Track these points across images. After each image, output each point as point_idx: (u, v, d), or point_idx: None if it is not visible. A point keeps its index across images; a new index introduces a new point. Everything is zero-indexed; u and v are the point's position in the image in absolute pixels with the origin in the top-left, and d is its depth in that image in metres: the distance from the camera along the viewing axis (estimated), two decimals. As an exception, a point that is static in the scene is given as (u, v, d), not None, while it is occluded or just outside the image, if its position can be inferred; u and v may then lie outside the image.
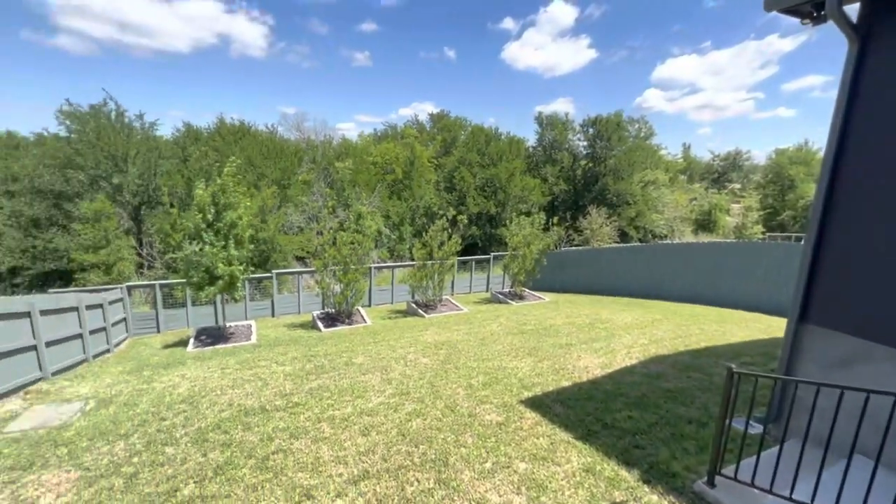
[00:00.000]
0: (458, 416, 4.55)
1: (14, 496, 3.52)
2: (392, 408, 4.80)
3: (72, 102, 21.36)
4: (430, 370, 6.11)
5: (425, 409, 4.74)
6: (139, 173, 21.69)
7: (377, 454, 3.85)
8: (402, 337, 8.65)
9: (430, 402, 4.90)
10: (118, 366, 8.41)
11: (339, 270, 11.58)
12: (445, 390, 5.26)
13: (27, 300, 7.45)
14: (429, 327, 9.82)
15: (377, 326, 11.08)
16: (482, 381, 5.57)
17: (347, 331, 10.65)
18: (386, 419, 4.51)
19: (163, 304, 13.84)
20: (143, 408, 5.31)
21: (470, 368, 6.11)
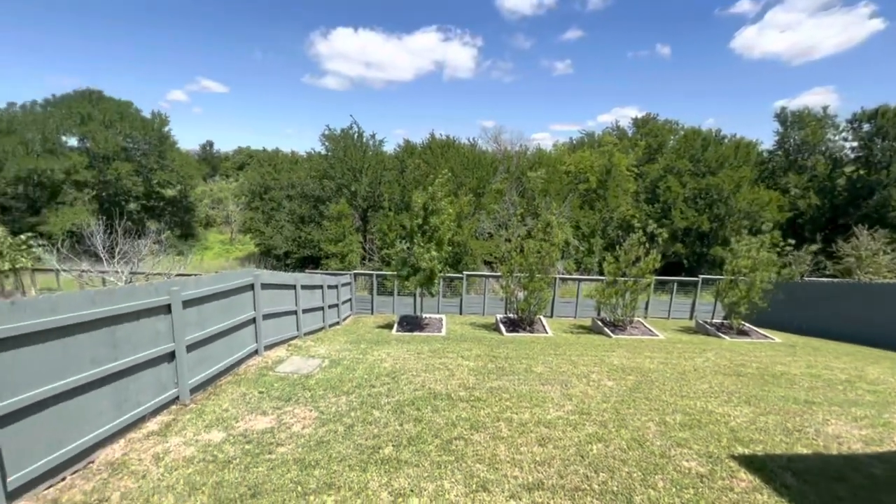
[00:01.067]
0: (646, 452, 4.04)
1: (279, 418, 4.74)
2: (571, 425, 4.59)
3: (331, 127, 27.84)
4: (616, 395, 5.60)
5: (608, 435, 4.37)
6: (369, 182, 26.63)
7: (553, 468, 3.73)
8: (585, 354, 8.20)
9: (613, 429, 4.50)
10: (344, 336, 10.43)
11: (523, 277, 11.76)
12: (633, 421, 4.74)
13: (294, 276, 9.97)
14: (615, 348, 9.04)
15: (558, 339, 10.81)
16: (680, 420, 4.81)
17: (528, 338, 10.71)
18: (564, 435, 4.34)
19: (377, 291, 16.58)
20: (359, 374, 6.44)
21: (664, 403, 5.36)
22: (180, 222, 41.79)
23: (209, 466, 3.74)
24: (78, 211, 31.13)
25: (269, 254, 28.54)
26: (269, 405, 5.15)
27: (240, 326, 6.94)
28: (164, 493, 3.37)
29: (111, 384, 4.26)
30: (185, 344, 5.34)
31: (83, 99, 37.13)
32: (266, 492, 3.34)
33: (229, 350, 6.57)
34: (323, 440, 4.19)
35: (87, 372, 3.92)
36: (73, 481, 3.58)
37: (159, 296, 4.94)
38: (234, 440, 4.23)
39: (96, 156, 35.01)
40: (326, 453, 3.93)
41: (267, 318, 7.90)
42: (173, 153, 41.07)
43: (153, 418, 4.80)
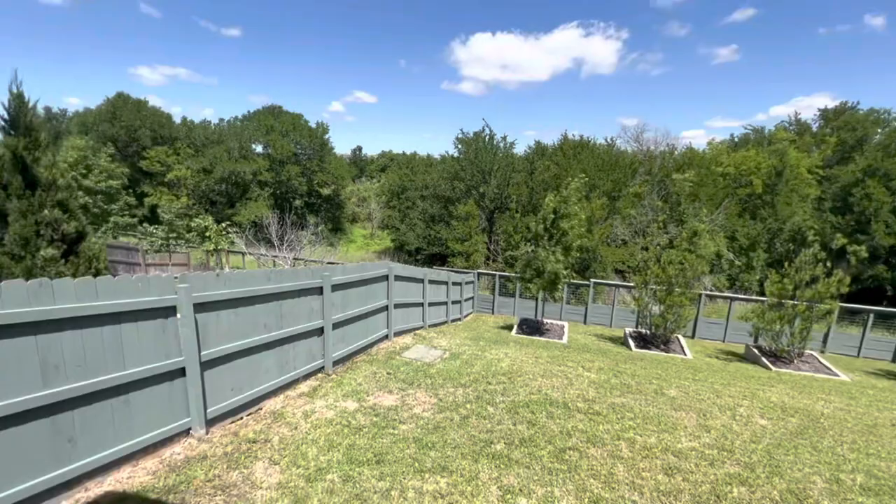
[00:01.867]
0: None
1: (402, 398, 5.17)
2: (707, 460, 4.04)
3: (464, 131, 28.92)
4: (770, 437, 4.75)
5: (755, 480, 3.74)
6: (497, 184, 26.97)
7: (680, 502, 3.35)
8: (733, 384, 7.10)
9: (762, 475, 3.83)
10: (464, 332, 10.80)
11: (660, 290, 10.66)
12: (791, 471, 3.97)
13: (424, 271, 10.68)
14: (775, 384, 7.63)
15: (699, 362, 9.54)
16: (861, 482, 3.86)
17: (661, 357, 9.69)
18: (696, 469, 3.85)
19: (499, 292, 16.74)
20: (477, 369, 6.62)
21: (839, 457, 4.36)
22: (332, 217, 47.96)
23: (344, 430, 4.28)
24: (260, 205, 38.03)
25: (402, 249, 31.02)
26: (395, 386, 5.64)
27: (374, 312, 7.73)
28: (309, 444, 3.98)
29: (276, 348, 5.16)
30: (332, 322, 6.17)
31: (268, 113, 45.30)
32: (388, 461, 3.69)
33: (365, 332, 7.37)
34: (440, 425, 4.45)
35: (261, 335, 4.83)
36: (247, 421, 4.45)
37: (314, 279, 5.80)
38: (365, 411, 4.75)
39: (275, 160, 42.35)
40: (442, 438, 4.16)
41: (397, 308, 8.63)
42: (330, 157, 47.39)
43: (304, 382, 5.66)
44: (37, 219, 5.63)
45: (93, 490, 3.18)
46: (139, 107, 42.00)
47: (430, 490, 3.32)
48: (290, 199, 43.13)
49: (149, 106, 43.28)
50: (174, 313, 3.79)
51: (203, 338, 4.07)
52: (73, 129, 40.62)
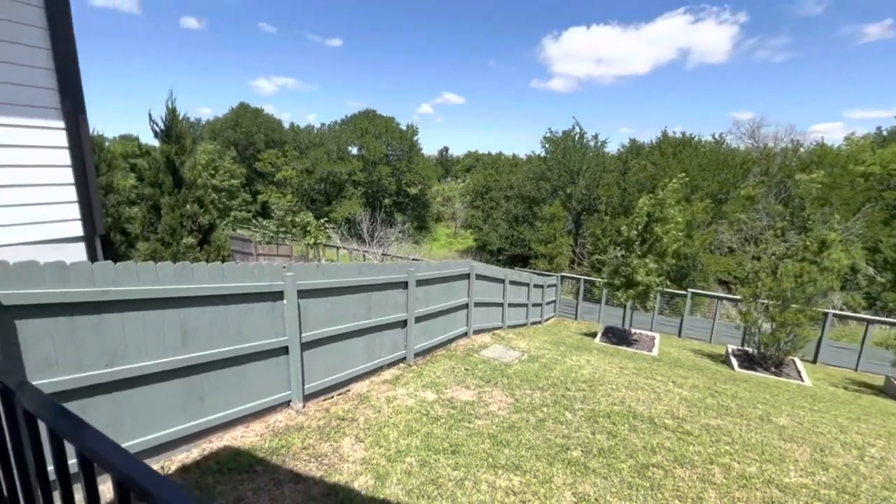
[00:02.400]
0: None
1: (479, 395, 5.27)
2: (822, 500, 3.55)
3: (552, 130, 28.16)
4: (912, 486, 4.00)
5: (887, 533, 3.20)
6: (586, 185, 25.85)
7: (784, 543, 3.00)
8: (864, 420, 6.08)
9: (898, 529, 3.26)
10: (544, 336, 10.58)
11: (773, 305, 9.43)
12: (939, 529, 3.32)
13: (505, 271, 10.67)
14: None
15: (820, 391, 8.29)
16: None
17: (771, 381, 8.59)
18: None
19: (583, 297, 16.09)
20: (556, 374, 6.48)
21: None
22: (418, 216, 49.73)
23: (423, 418, 4.49)
24: (353, 203, 40.78)
25: (485, 249, 31.14)
26: (473, 382, 5.76)
27: (455, 309, 7.93)
28: (391, 427, 4.25)
29: (364, 336, 5.56)
30: (414, 315, 6.47)
31: (363, 117, 48.35)
32: (463, 453, 3.81)
33: (445, 328, 7.60)
34: (515, 425, 4.46)
35: (351, 323, 5.25)
36: (337, 400, 4.88)
37: (400, 274, 6.13)
38: (443, 403, 4.93)
39: (368, 161, 45.10)
40: (517, 437, 4.17)
41: (477, 306, 8.75)
42: (418, 158, 49.18)
43: (388, 370, 6.02)
44: (181, 212, 6.78)
45: (214, 443, 3.74)
46: (256, 115, 47.43)
47: (503, 486, 3.37)
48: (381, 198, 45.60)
49: (264, 113, 48.68)
50: (281, 298, 4.29)
51: (303, 321, 4.55)
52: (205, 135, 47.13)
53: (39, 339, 2.73)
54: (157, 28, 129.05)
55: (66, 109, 4.19)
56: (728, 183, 20.66)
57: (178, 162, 6.75)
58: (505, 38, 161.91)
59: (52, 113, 4.11)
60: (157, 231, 6.70)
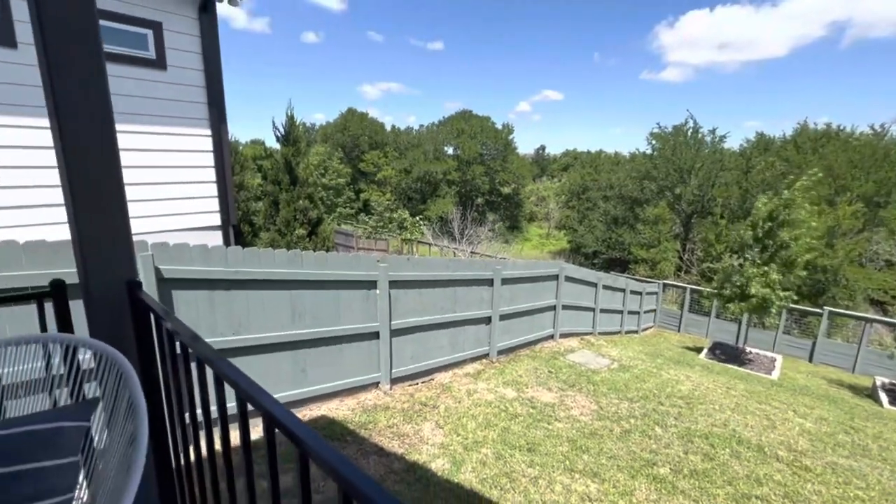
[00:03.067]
0: None
1: (561, 398, 5.15)
2: None
3: (661, 125, 25.91)
4: None
5: None
6: (698, 184, 23.34)
7: None
8: None
9: None
10: (640, 346, 9.88)
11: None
12: None
13: (598, 275, 10.18)
14: None
15: None
16: None
17: (934, 425, 7.00)
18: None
19: (688, 308, 14.65)
20: (648, 386, 6.05)
21: None
22: (510, 215, 49.34)
23: (501, 413, 4.54)
24: (446, 202, 41.86)
25: (579, 251, 29.82)
26: (555, 385, 5.64)
27: (541, 310, 7.80)
28: (469, 418, 4.37)
29: (449, 329, 5.77)
30: (499, 313, 6.53)
31: (459, 118, 49.32)
32: (539, 452, 3.79)
33: (529, 328, 7.53)
34: (597, 433, 4.30)
35: (437, 315, 5.48)
36: (421, 387, 5.14)
37: (486, 271, 6.23)
38: (522, 402, 4.93)
39: (462, 160, 45.93)
40: (598, 445, 4.02)
41: (565, 309, 8.50)
42: (513, 157, 48.75)
43: (470, 364, 6.17)
44: (295, 207, 7.74)
45: (314, 411, 4.22)
46: (362, 119, 51.10)
47: (579, 490, 3.29)
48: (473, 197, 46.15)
49: (368, 117, 52.24)
50: (375, 287, 4.65)
51: (393, 310, 4.88)
52: (318, 138, 52.08)
53: (187, 307, 3.35)
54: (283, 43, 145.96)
55: (212, 119, 5.03)
56: (889, 183, 16.98)
57: (293, 162, 7.75)
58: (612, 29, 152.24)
59: (203, 123, 4.96)
60: (276, 223, 7.76)
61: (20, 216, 3.89)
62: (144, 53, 4.44)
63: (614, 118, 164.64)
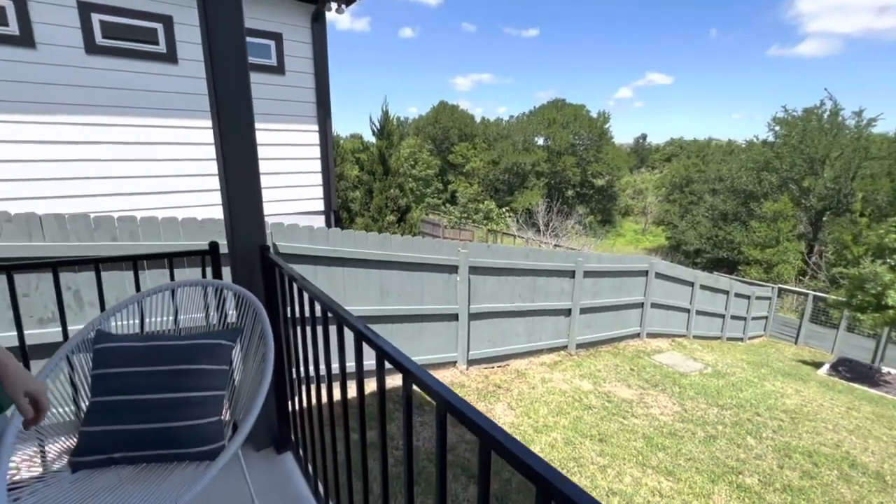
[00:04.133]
0: None
1: (641, 396, 4.99)
2: None
3: (787, 108, 22.54)
4: None
5: None
6: (834, 176, 19.99)
7: None
8: None
9: None
10: (742, 354, 8.98)
11: None
12: None
13: (695, 273, 9.40)
14: None
15: None
16: None
17: None
18: None
19: (809, 317, 12.83)
20: (746, 395, 5.56)
21: None
22: (603, 209, 46.83)
23: (574, 403, 4.56)
24: (534, 194, 41.04)
25: (679, 249, 27.39)
26: (636, 382, 5.46)
27: (627, 307, 7.49)
28: (542, 403, 4.47)
29: (526, 318, 5.86)
30: (580, 306, 6.44)
31: (551, 107, 47.78)
32: (611, 444, 3.77)
33: (613, 324, 7.28)
34: (677, 433, 4.12)
35: (515, 303, 5.61)
36: (496, 371, 5.33)
37: (568, 262, 6.18)
38: (598, 395, 4.87)
39: (553, 151, 44.54)
40: (676, 445, 3.87)
41: (655, 307, 8.04)
42: (608, 147, 46.03)
43: (547, 354, 6.20)
44: (386, 195, 8.37)
45: (398, 381, 4.63)
46: (452, 111, 51.97)
47: (649, 485, 3.24)
48: (563, 189, 44.61)
49: (459, 109, 52.97)
50: (455, 272, 4.93)
51: (472, 295, 5.12)
52: (410, 131, 54.19)
53: (296, 279, 3.92)
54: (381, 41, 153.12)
55: (319, 116, 5.68)
56: None
57: (387, 154, 8.39)
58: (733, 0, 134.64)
59: (311, 120, 5.62)
60: (370, 209, 8.47)
61: (175, 199, 4.83)
62: (267, 61, 5.16)
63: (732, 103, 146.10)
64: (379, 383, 1.03)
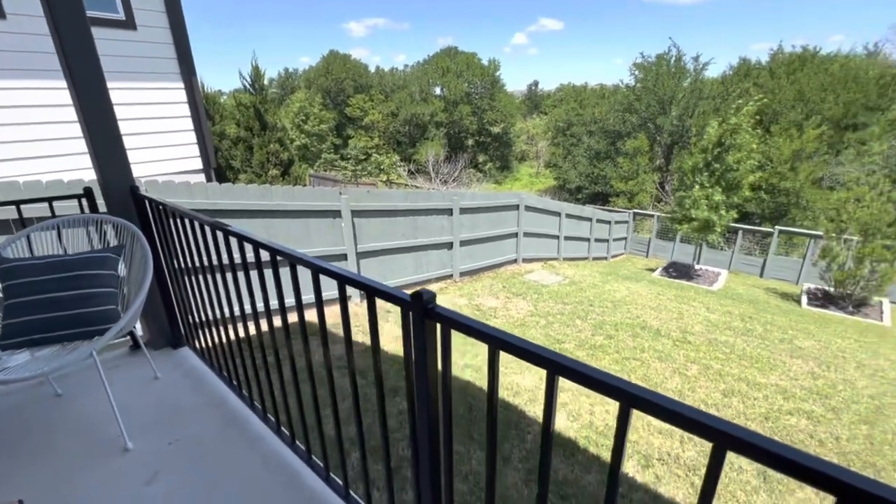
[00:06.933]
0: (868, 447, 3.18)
1: (505, 304, 6.17)
2: (783, 394, 3.94)
3: (644, 54, 25.45)
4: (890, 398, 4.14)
5: (825, 418, 3.57)
6: (678, 115, 23.48)
7: (733, 419, 3.57)
8: (915, 352, 5.84)
9: (843, 420, 3.59)
10: (600, 268, 10.92)
11: (859, 238, 8.63)
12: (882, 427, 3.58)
13: (560, 205, 10.97)
14: None
15: (894, 330, 7.74)
16: None
17: (835, 317, 8.18)
18: (763, 399, 3.85)
19: (656, 234, 15.64)
20: (588, 295, 7.08)
21: None
22: (501, 156, 49.16)
23: (450, 315, 5.54)
24: (434, 144, 41.63)
25: (564, 188, 30.39)
26: (504, 295, 6.65)
27: (503, 237, 8.67)
28: (422, 318, 5.38)
29: (412, 253, 6.66)
30: (459, 240, 7.40)
31: (444, 55, 47.64)
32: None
33: (492, 253, 8.44)
34: (524, 323, 5.33)
35: (399, 241, 6.35)
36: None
37: (444, 202, 7.01)
38: (471, 307, 5.93)
39: (449, 101, 45.00)
40: (522, 332, 5.05)
41: (528, 236, 9.37)
42: (500, 95, 47.66)
43: (434, 284, 7.14)
44: (267, 150, 8.39)
45: (295, 318, 5.19)
46: (345, 61, 49.23)
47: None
48: (463, 138, 45.76)
49: (351, 59, 50.30)
50: (339, 216, 5.46)
51: (358, 236, 5.73)
52: (301, 84, 50.48)
53: (179, 233, 4.17)
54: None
55: (183, 72, 5.56)
56: (855, 104, 17.25)
57: (262, 109, 8.31)
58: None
59: (175, 77, 5.50)
60: (252, 165, 8.45)
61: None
62: (114, 15, 4.90)
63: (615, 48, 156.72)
64: (257, 261, 1.61)
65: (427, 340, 1.00)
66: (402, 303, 1.03)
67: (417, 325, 1.00)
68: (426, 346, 1.00)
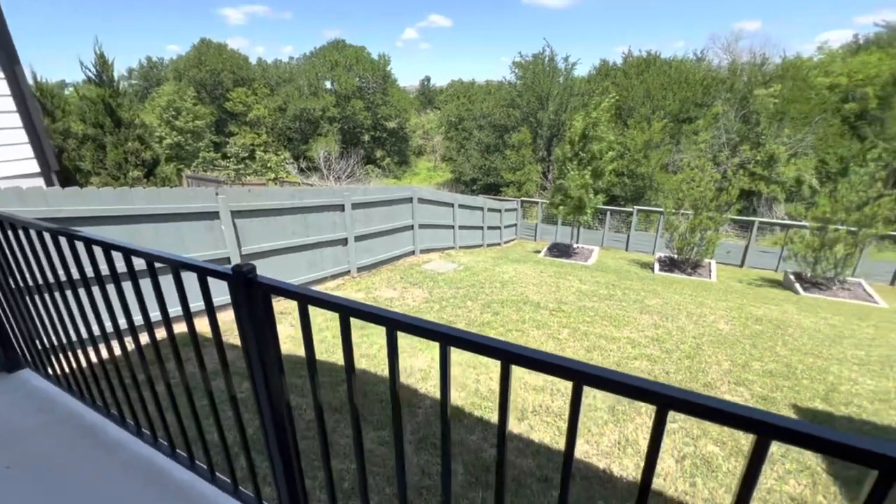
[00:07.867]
0: (688, 375, 4.02)
1: (401, 294, 6.37)
2: (633, 344, 4.75)
3: (522, 54, 27.50)
4: (714, 336, 5.24)
5: (663, 359, 4.41)
6: (555, 109, 25.88)
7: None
8: (728, 300, 7.36)
9: (674, 358, 4.48)
10: (493, 253, 11.69)
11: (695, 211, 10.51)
12: (701, 356, 4.55)
13: (453, 196, 11.50)
14: (783, 303, 7.70)
15: (719, 285, 9.62)
16: (771, 369, 4.36)
17: (680, 279, 9.89)
18: (617, 350, 4.60)
19: (541, 219, 17.13)
20: (480, 278, 7.60)
21: (777, 356, 4.80)
22: (398, 150, 49.23)
23: (347, 309, 5.58)
24: (329, 140, 40.20)
25: (460, 180, 31.61)
26: (400, 285, 6.85)
27: (400, 230, 8.85)
28: (318, 314, 5.34)
29: (305, 251, 6.51)
30: (354, 235, 7.40)
31: (332, 48, 46.03)
32: (368, 328, 4.93)
33: (389, 247, 8.58)
34: (420, 310, 5.59)
35: (289, 240, 6.17)
36: (280, 302, 5.92)
37: (335, 198, 6.96)
38: (368, 300, 6.02)
39: (340, 95, 43.69)
40: (417, 318, 5.29)
41: (424, 228, 9.68)
42: (393, 89, 47.59)
43: (332, 280, 7.07)
44: (125, 149, 7.44)
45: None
46: (220, 51, 44.82)
47: (391, 344, 4.50)
48: (358, 134, 44.84)
49: (228, 49, 45.98)
50: (217, 217, 5.14)
51: (242, 237, 5.45)
52: (170, 75, 44.86)
53: (13, 247, 3.60)
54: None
55: (2, 62, 4.72)
56: (688, 101, 20.88)
57: (114, 104, 7.31)
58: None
59: (-11, 65, 4.64)
60: (106, 166, 7.42)
61: None
62: None
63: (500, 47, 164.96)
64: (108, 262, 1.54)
65: (254, 309, 1.12)
66: (226, 277, 1.14)
67: (242, 295, 1.12)
68: (254, 315, 1.12)
